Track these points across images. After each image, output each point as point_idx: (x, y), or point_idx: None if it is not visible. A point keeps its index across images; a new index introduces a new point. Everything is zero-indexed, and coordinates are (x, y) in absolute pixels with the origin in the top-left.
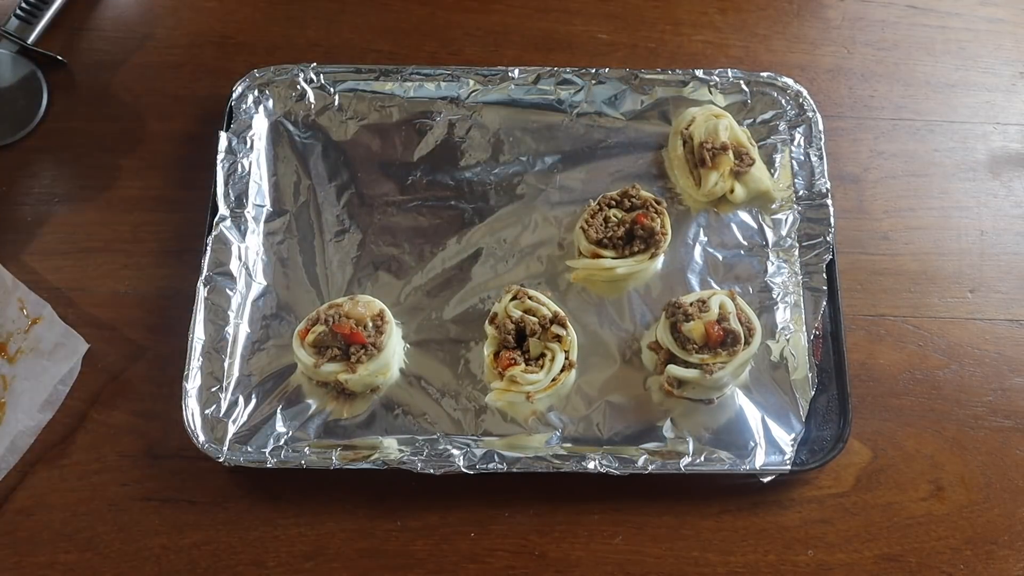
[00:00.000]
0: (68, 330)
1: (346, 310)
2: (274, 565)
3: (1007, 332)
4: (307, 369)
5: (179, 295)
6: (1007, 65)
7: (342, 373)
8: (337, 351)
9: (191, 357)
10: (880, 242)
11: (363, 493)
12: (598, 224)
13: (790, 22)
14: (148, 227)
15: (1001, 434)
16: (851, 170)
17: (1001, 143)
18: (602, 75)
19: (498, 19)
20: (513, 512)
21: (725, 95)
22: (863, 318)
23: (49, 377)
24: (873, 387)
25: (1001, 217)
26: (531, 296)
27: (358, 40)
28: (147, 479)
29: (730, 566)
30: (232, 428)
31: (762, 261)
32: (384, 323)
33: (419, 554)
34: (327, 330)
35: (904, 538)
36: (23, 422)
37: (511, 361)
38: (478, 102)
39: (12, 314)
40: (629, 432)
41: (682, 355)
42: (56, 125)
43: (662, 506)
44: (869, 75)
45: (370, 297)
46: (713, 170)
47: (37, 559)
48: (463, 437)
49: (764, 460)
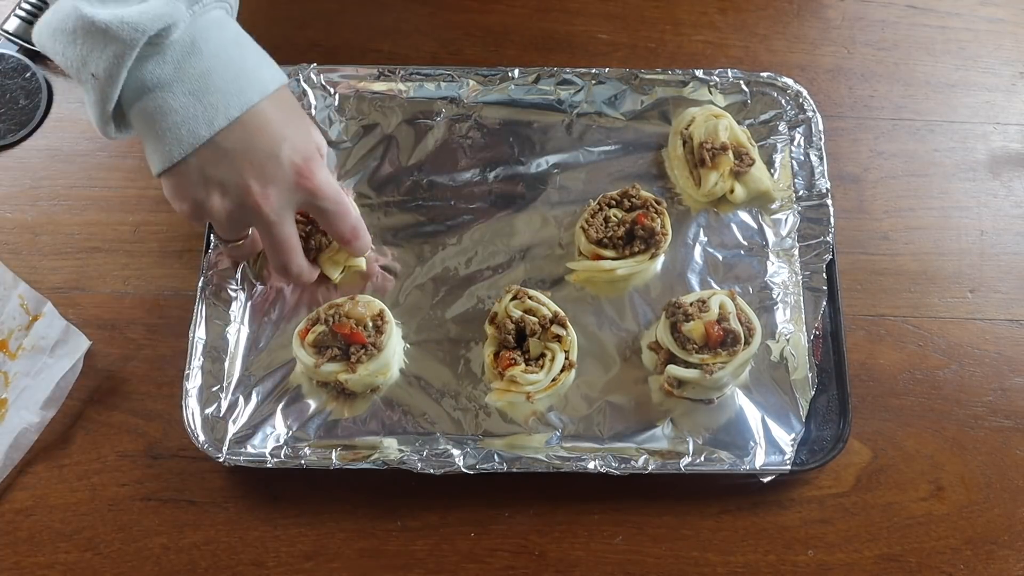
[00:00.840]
0: (69, 327)
1: (346, 310)
2: (274, 565)
3: (1007, 332)
4: (307, 369)
5: (179, 295)
6: (1007, 65)
7: (342, 373)
8: (337, 351)
9: (191, 357)
10: (880, 242)
11: (363, 493)
12: (598, 224)
13: (790, 22)
14: (149, 227)
15: (1001, 434)
16: (851, 170)
17: (1001, 143)
18: (602, 75)
19: (498, 19)
20: (513, 512)
21: (725, 95)
22: (863, 318)
23: (51, 374)
24: (873, 387)
25: (1001, 217)
26: (531, 296)
27: (358, 40)
28: (147, 479)
29: (730, 566)
30: (232, 428)
31: (762, 261)
32: (384, 323)
33: (419, 554)
34: (327, 330)
35: (904, 538)
36: (26, 419)
37: (511, 361)
38: (478, 102)
39: (13, 311)
40: (629, 432)
41: (682, 355)
42: (56, 125)
43: (662, 506)
44: (869, 75)
45: (370, 297)
46: (713, 170)
47: (37, 559)
48: (463, 437)
49: (764, 460)
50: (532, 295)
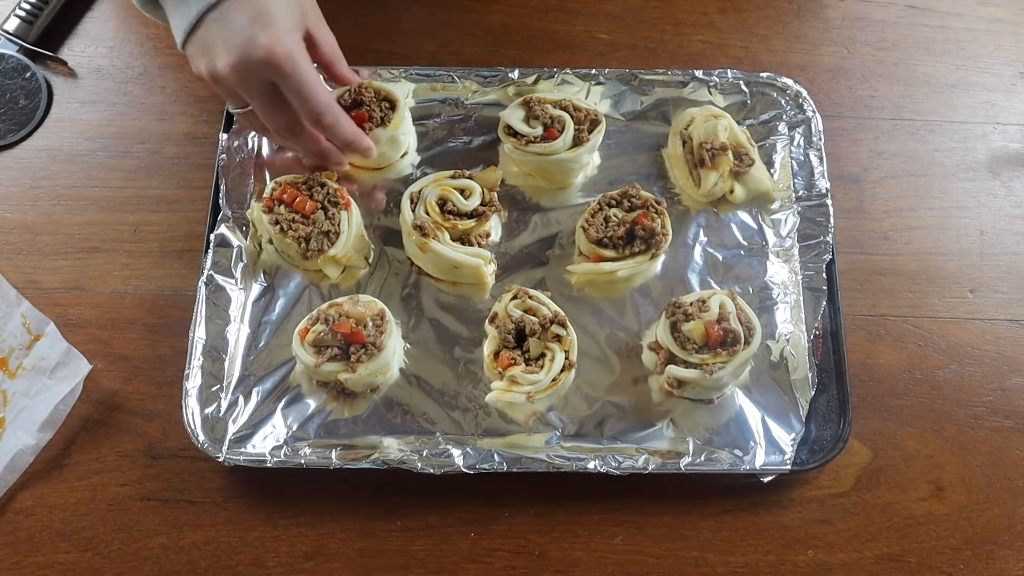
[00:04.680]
0: (71, 349)
1: (346, 309)
2: (274, 565)
3: (1007, 332)
4: (307, 368)
5: (179, 295)
6: (1007, 65)
7: (342, 372)
8: (337, 350)
9: (191, 357)
10: (880, 242)
11: (363, 493)
12: (598, 224)
13: (790, 22)
14: (148, 227)
15: (1001, 434)
16: (851, 170)
17: (1001, 143)
18: (602, 75)
19: (498, 19)
20: (513, 512)
21: (725, 95)
22: (863, 318)
23: (50, 396)
24: (873, 387)
25: (1001, 217)
26: (531, 296)
27: (358, 40)
28: (147, 479)
29: (730, 566)
30: (232, 428)
31: (762, 261)
32: (384, 322)
33: (419, 554)
34: (327, 329)
35: (904, 538)
36: (23, 440)
37: (511, 361)
38: (478, 103)
39: (14, 329)
40: (629, 432)
41: (682, 355)
42: (56, 125)
43: (662, 506)
44: (869, 75)
45: (370, 297)
46: (712, 170)
47: (37, 559)
48: (463, 437)
49: (764, 460)
50: (532, 295)
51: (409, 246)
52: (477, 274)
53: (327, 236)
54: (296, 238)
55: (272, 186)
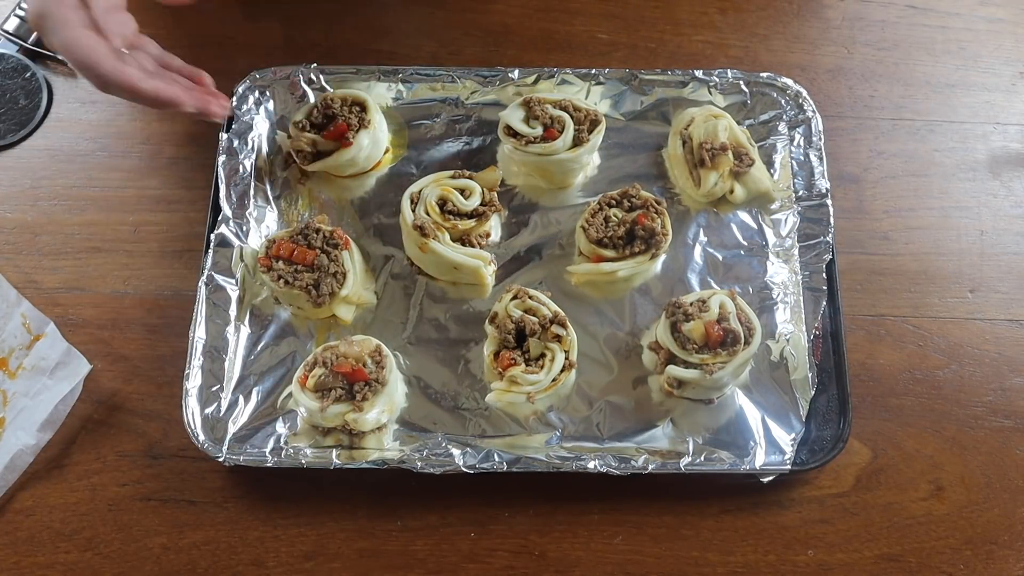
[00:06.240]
0: (71, 349)
1: (343, 350)
2: (274, 565)
3: (1007, 332)
4: (312, 415)
5: (179, 295)
6: (1007, 65)
7: (349, 413)
8: (341, 391)
9: (191, 357)
10: (880, 242)
11: (363, 493)
12: (598, 224)
13: (790, 22)
14: (148, 227)
15: (1001, 434)
16: (851, 170)
17: (1001, 143)
18: (602, 75)
19: (498, 19)
20: (513, 512)
21: (725, 95)
22: (863, 318)
23: (50, 396)
24: (873, 387)
25: (1001, 217)
26: (531, 296)
27: (358, 40)
28: (147, 479)
29: (730, 566)
30: (232, 428)
31: (762, 261)
32: (383, 357)
33: (419, 554)
34: (327, 372)
35: (904, 538)
36: (23, 440)
37: (511, 361)
38: (478, 103)
39: (14, 329)
40: (629, 432)
41: (682, 355)
42: (56, 125)
43: (662, 506)
44: (869, 75)
45: (363, 336)
46: (712, 170)
47: (37, 559)
48: (463, 437)
49: (764, 460)
50: (532, 295)
51: (409, 246)
52: (477, 275)
53: (335, 277)
54: (303, 287)
55: (266, 244)
